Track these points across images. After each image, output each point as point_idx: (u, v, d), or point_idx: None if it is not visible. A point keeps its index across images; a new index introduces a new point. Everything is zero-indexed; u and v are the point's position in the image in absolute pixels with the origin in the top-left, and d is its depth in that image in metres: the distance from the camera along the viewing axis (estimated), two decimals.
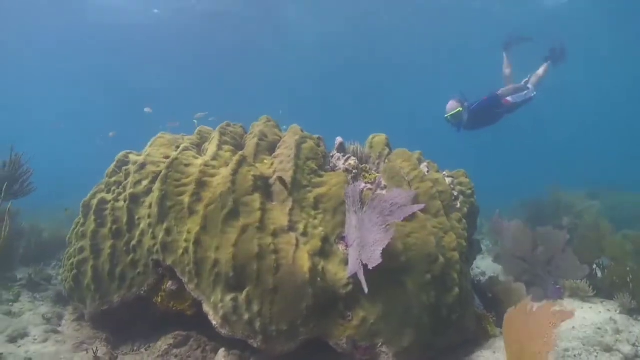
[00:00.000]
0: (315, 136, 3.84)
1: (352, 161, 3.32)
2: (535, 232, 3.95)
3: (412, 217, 2.91)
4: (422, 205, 2.44)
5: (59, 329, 3.23)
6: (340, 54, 19.82)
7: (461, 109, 5.12)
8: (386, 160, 3.63)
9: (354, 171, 3.25)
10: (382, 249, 2.31)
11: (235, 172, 2.79)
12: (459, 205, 3.68)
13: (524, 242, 3.93)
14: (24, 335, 3.03)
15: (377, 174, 3.56)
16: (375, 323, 2.57)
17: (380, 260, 2.29)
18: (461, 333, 3.00)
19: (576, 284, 3.82)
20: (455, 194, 3.72)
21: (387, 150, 3.82)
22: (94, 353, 2.44)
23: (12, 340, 2.96)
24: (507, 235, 4.15)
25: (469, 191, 3.87)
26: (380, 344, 2.57)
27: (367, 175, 3.57)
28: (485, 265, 5.52)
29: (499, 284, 3.66)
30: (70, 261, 3.24)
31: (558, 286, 3.90)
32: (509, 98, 5.63)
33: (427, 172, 3.68)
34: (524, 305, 2.14)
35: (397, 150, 3.64)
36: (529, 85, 5.89)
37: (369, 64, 21.31)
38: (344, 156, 3.50)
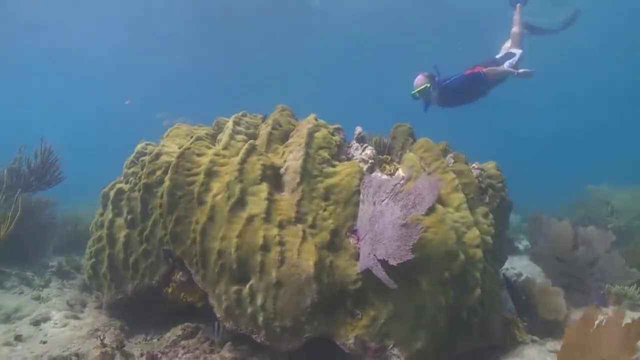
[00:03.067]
0: (334, 125, 3.70)
1: (369, 151, 3.15)
2: (575, 230, 3.58)
3: (430, 210, 2.70)
4: (435, 194, 2.23)
5: (80, 315, 3.32)
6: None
7: (428, 86, 4.62)
8: (408, 151, 3.42)
9: (369, 161, 3.08)
10: (412, 244, 2.16)
11: (243, 161, 2.71)
12: (487, 199, 3.41)
13: (563, 240, 3.58)
14: (46, 319, 3.14)
15: (398, 165, 3.37)
16: (386, 323, 2.39)
17: (412, 256, 2.14)
18: (485, 338, 2.76)
19: (624, 289, 3.44)
20: (484, 186, 3.45)
21: (410, 141, 3.61)
22: (101, 340, 2.45)
23: (36, 323, 3.07)
24: (545, 233, 3.80)
25: (499, 184, 3.58)
26: (391, 345, 2.40)
27: (387, 166, 3.38)
28: (522, 266, 5.12)
29: (534, 287, 3.35)
30: (90, 250, 3.32)
31: (602, 291, 3.52)
32: (502, 66, 4.93)
33: (452, 163, 3.44)
34: (587, 322, 1.71)
35: (419, 140, 3.42)
36: (512, 51, 5.23)
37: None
38: (362, 146, 3.33)
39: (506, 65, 4.94)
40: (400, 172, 3.03)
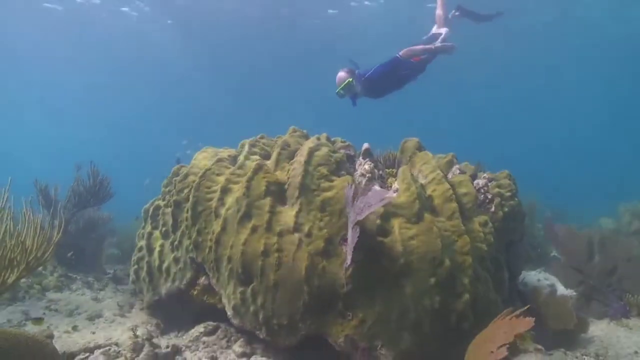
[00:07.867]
0: (345, 143, 4.01)
1: (367, 166, 3.39)
2: (590, 237, 3.51)
3: (418, 220, 2.89)
4: (381, 203, 2.48)
5: (127, 314, 3.88)
6: None
7: (351, 80, 4.50)
8: (409, 164, 3.61)
9: (367, 175, 3.33)
10: (352, 249, 2.41)
11: (250, 179, 3.10)
12: (493, 209, 3.48)
13: (577, 248, 3.51)
14: (99, 316, 3.73)
15: None
16: (374, 325, 2.61)
17: (349, 261, 2.39)
18: None
19: None
20: (490, 196, 3.53)
21: (417, 154, 3.79)
22: (133, 331, 2.93)
23: (90, 318, 3.67)
24: (559, 241, 3.75)
25: (508, 193, 3.63)
26: (379, 346, 2.60)
27: (391, 178, 3.60)
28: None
29: (541, 296, 3.34)
30: (134, 258, 3.89)
31: (622, 302, 3.39)
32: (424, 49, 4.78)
33: (457, 174, 3.57)
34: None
35: (420, 153, 3.60)
36: (438, 31, 5.09)
37: None
38: (365, 161, 3.58)
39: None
40: (396, 185, 3.24)
